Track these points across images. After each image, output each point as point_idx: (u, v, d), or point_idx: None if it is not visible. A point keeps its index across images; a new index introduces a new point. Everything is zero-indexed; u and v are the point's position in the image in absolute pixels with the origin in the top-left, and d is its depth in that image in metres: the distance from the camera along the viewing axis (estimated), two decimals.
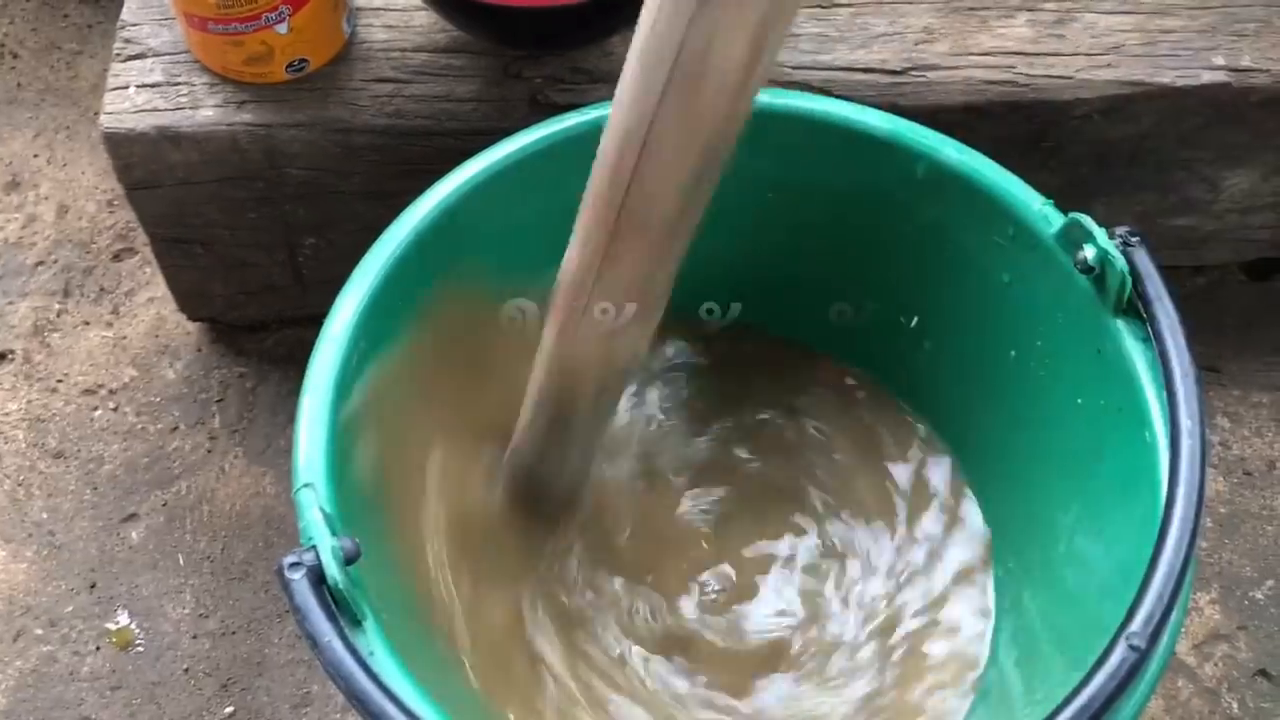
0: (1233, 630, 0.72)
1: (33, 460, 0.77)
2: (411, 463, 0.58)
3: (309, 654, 0.70)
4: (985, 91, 0.69)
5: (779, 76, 0.69)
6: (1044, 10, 0.72)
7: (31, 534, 0.75)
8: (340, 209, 0.72)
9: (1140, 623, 0.42)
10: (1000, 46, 0.70)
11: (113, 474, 0.77)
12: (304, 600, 0.43)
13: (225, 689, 0.70)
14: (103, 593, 0.73)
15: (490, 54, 0.70)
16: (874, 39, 0.71)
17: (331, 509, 0.47)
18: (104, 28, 0.95)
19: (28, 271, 0.85)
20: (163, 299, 0.82)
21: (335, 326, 0.53)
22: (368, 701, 0.42)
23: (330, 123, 0.68)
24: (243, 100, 0.69)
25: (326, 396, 0.51)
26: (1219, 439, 0.78)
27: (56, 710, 0.69)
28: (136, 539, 0.74)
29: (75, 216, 0.87)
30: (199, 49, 0.69)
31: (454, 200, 0.57)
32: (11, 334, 0.82)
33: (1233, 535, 0.75)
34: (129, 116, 0.68)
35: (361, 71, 0.70)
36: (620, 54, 0.70)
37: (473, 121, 0.68)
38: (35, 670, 0.70)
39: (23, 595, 0.73)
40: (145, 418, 0.79)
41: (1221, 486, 0.76)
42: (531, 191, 0.59)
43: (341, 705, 0.69)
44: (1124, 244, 0.52)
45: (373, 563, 0.47)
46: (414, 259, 0.56)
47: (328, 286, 0.56)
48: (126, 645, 0.71)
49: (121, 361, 0.81)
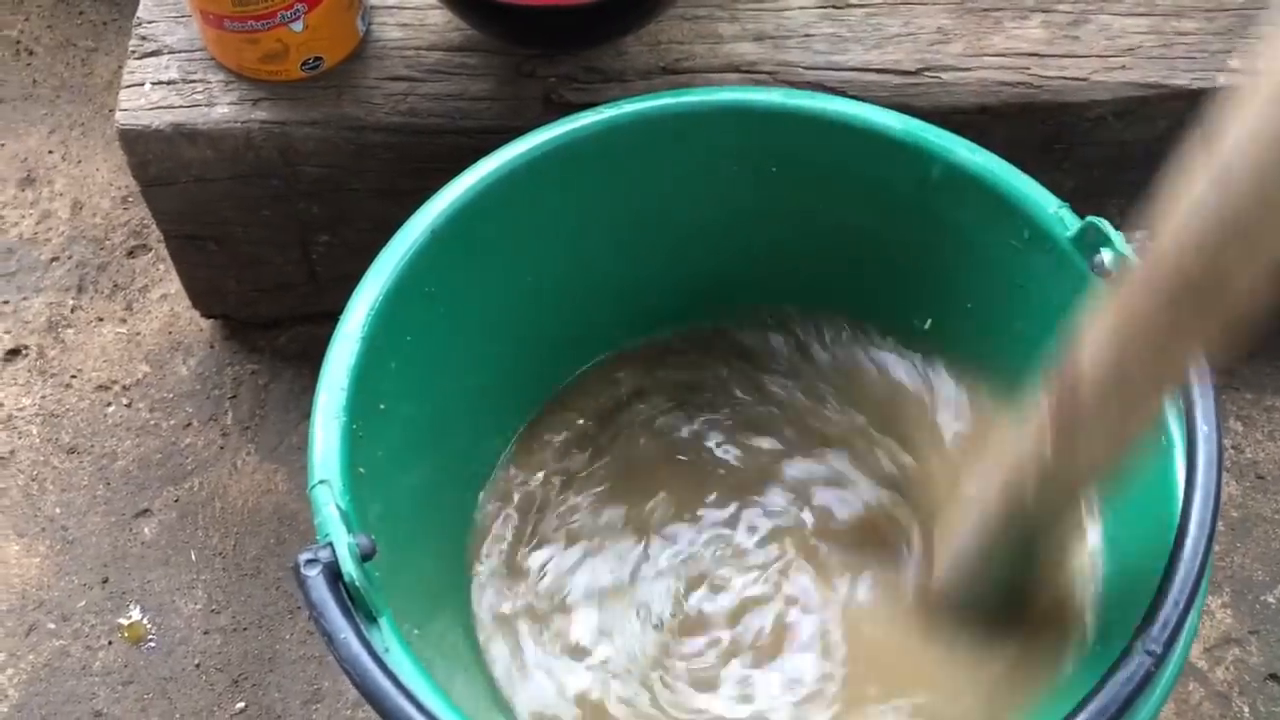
0: (1244, 634, 0.71)
1: (46, 455, 0.78)
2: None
3: (320, 650, 0.71)
4: (999, 93, 0.69)
5: (793, 77, 0.69)
6: (1059, 12, 0.72)
7: (45, 529, 0.75)
8: (354, 207, 0.73)
9: (1156, 628, 0.42)
10: (1014, 48, 0.70)
11: (126, 470, 0.77)
12: (320, 596, 0.43)
13: (236, 684, 0.70)
14: (115, 588, 0.73)
15: (504, 53, 0.70)
16: (888, 40, 0.71)
17: (347, 506, 0.47)
18: (119, 25, 0.96)
19: (42, 267, 0.85)
20: (176, 295, 0.82)
21: (350, 323, 0.53)
22: (383, 698, 0.42)
23: (344, 121, 0.69)
24: (258, 98, 0.69)
25: (342, 393, 0.51)
26: (1231, 442, 0.78)
27: (69, 704, 0.69)
28: (149, 534, 0.75)
29: (90, 213, 0.87)
30: (214, 46, 0.69)
31: (467, 199, 0.57)
32: (26, 330, 0.82)
33: (1245, 539, 0.74)
34: (145, 113, 0.69)
35: (376, 70, 0.70)
36: (634, 52, 0.70)
37: (486, 120, 0.68)
38: (48, 664, 0.71)
39: (36, 590, 0.73)
40: (158, 414, 0.79)
41: (1234, 490, 0.76)
42: (545, 190, 0.59)
43: (352, 702, 0.69)
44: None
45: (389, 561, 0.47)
46: (428, 257, 0.56)
47: (340, 284, 0.56)
48: (138, 640, 0.71)
49: (135, 358, 0.81)
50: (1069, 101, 0.69)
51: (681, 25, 0.72)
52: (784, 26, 0.71)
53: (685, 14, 0.72)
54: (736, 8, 0.72)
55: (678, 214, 0.64)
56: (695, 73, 0.70)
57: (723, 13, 0.72)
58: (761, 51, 0.70)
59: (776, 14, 0.72)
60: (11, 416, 0.79)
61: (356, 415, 0.51)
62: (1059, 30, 0.71)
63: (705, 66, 0.70)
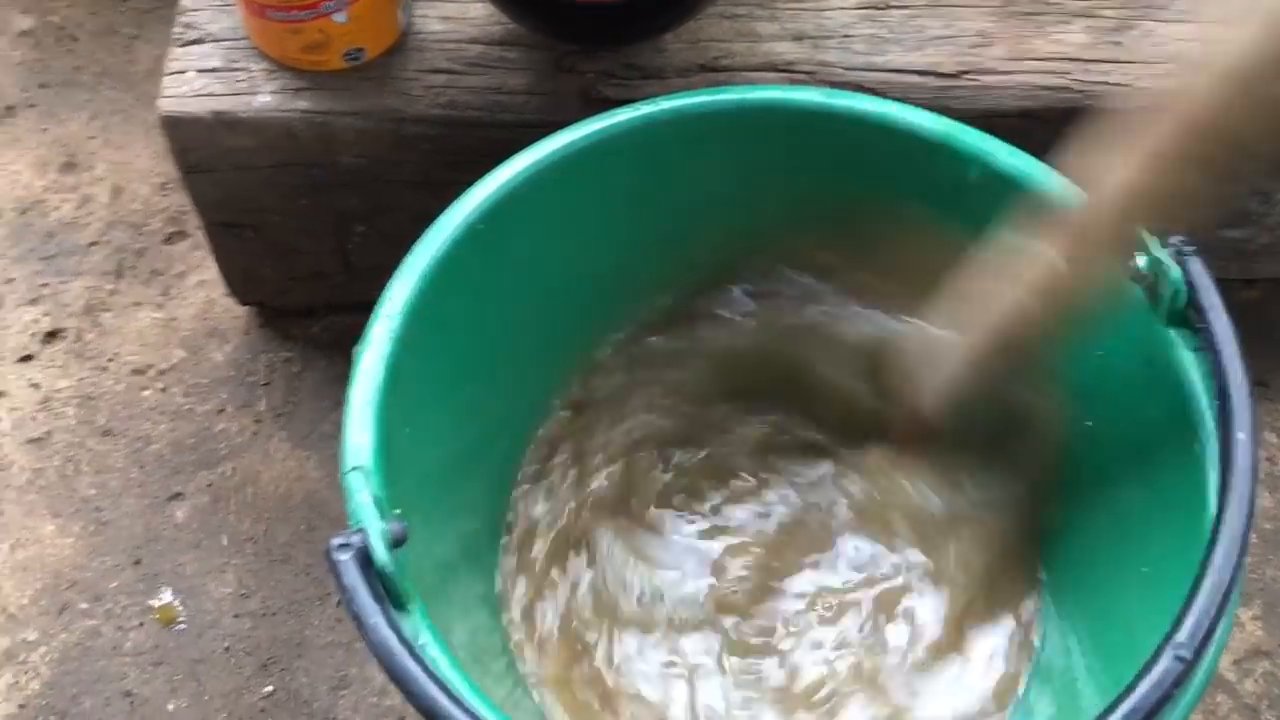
0: (1274, 647, 0.71)
1: (82, 437, 0.78)
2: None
3: (348, 637, 0.71)
4: (1040, 97, 0.69)
5: (831, 77, 0.69)
6: (1102, 17, 0.71)
7: (79, 509, 0.76)
8: (391, 198, 0.73)
9: (1187, 633, 0.41)
10: (1057, 52, 0.70)
11: (160, 453, 0.78)
12: (351, 581, 0.43)
13: (265, 668, 0.70)
14: (147, 569, 0.74)
15: (544, 48, 0.70)
16: (928, 41, 0.71)
17: (380, 492, 0.48)
18: (161, 13, 0.96)
19: (81, 251, 0.86)
20: (213, 282, 0.83)
21: (385, 314, 0.54)
22: (411, 683, 0.42)
23: (384, 112, 0.69)
24: (299, 87, 0.69)
25: (376, 380, 0.51)
26: (1266, 454, 0.77)
27: (99, 683, 0.70)
28: (181, 518, 0.75)
29: (129, 199, 0.88)
30: (257, 35, 0.70)
31: (504, 192, 0.58)
32: (64, 312, 0.83)
33: (1277, 552, 0.74)
34: (187, 100, 0.69)
35: (416, 62, 0.70)
36: (673, 50, 0.70)
37: (525, 114, 0.69)
38: (79, 644, 0.71)
39: (69, 570, 0.74)
40: (193, 399, 0.80)
41: (1268, 502, 0.75)
42: (581, 186, 0.60)
43: (379, 688, 0.70)
44: (1178, 253, 0.51)
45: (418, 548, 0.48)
46: (464, 249, 0.56)
47: (375, 274, 0.56)
48: (169, 622, 0.72)
49: (171, 343, 0.82)
50: (1111, 107, 0.68)
51: (721, 23, 0.72)
52: (824, 26, 0.71)
53: (725, 12, 0.72)
54: (776, 7, 0.72)
55: (712, 212, 0.64)
56: (734, 71, 0.70)
57: (762, 11, 0.72)
58: (800, 51, 0.70)
59: (816, 14, 0.72)
60: (49, 398, 0.80)
61: (390, 404, 0.52)
62: (1102, 35, 0.71)
63: (744, 65, 0.70)
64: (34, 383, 0.80)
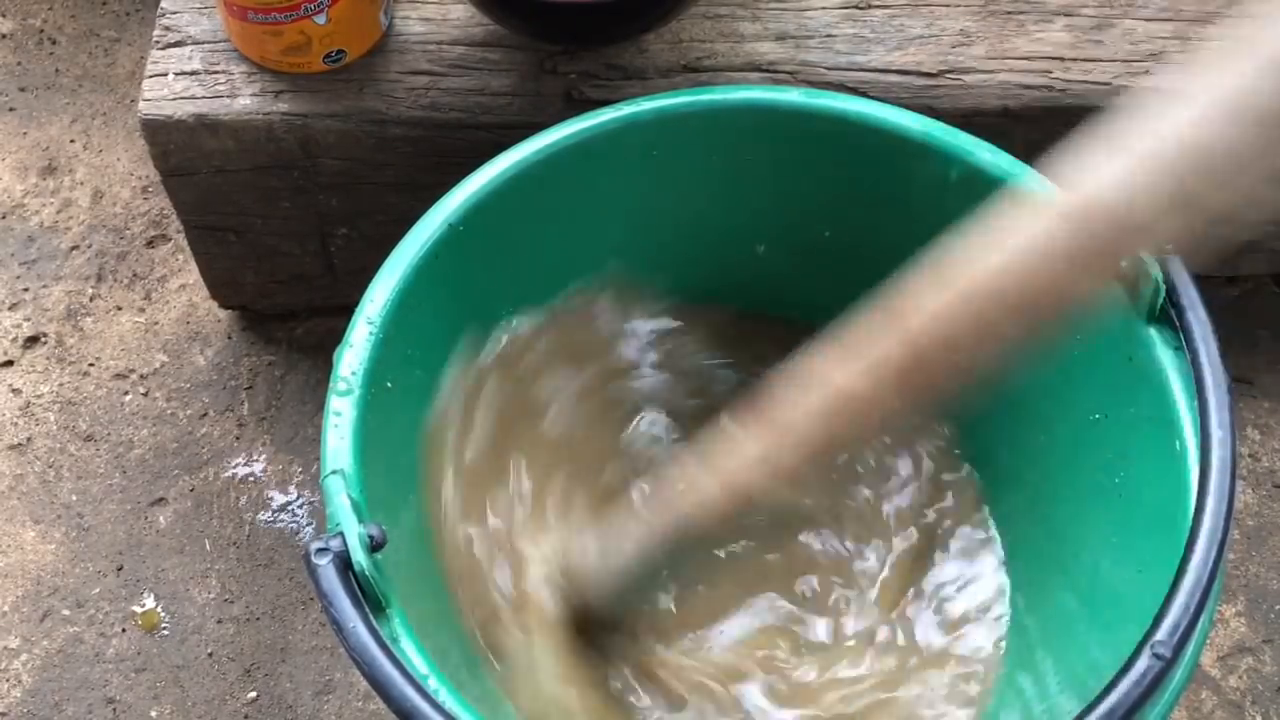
0: (1258, 643, 0.71)
1: (63, 443, 0.78)
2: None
3: (332, 642, 0.71)
4: (1021, 96, 0.69)
5: (813, 77, 0.69)
6: (1082, 16, 0.71)
7: (61, 515, 0.75)
8: (373, 200, 0.73)
9: (1165, 631, 0.41)
10: (1037, 51, 0.70)
11: (142, 458, 0.77)
12: (330, 586, 0.43)
13: (249, 674, 0.70)
14: (129, 575, 0.73)
15: (526, 49, 0.70)
16: (910, 41, 0.71)
17: (359, 496, 0.47)
18: (142, 15, 0.96)
19: (62, 256, 0.85)
20: (194, 286, 0.83)
21: (365, 317, 0.53)
22: (390, 687, 0.42)
23: (366, 114, 0.69)
24: (280, 90, 0.69)
25: (355, 385, 0.51)
26: (1248, 451, 0.77)
27: (82, 690, 0.70)
28: (164, 523, 0.75)
29: (110, 202, 0.88)
30: (238, 38, 0.69)
31: (486, 193, 0.57)
32: (45, 317, 0.83)
33: (1260, 548, 0.74)
34: (167, 103, 0.69)
35: (398, 64, 0.70)
36: (655, 50, 0.70)
37: (507, 116, 0.69)
38: (61, 650, 0.71)
39: (50, 576, 0.73)
40: (175, 403, 0.79)
41: (1250, 499, 0.76)
42: (563, 186, 0.59)
43: (363, 693, 0.69)
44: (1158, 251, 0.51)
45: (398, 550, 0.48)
46: (446, 251, 0.56)
47: (358, 276, 0.56)
48: (152, 628, 0.72)
49: (153, 347, 0.82)
50: (1092, 105, 0.69)
51: (703, 24, 0.72)
52: (806, 26, 0.71)
53: (707, 12, 0.72)
54: (758, 7, 0.72)
55: (695, 211, 0.64)
56: (716, 71, 0.70)
57: (744, 12, 0.72)
58: (783, 51, 0.70)
59: (798, 14, 0.72)
60: (29, 404, 0.79)
61: (369, 408, 0.51)
62: (1082, 34, 0.71)
63: (726, 65, 0.70)
64: (15, 388, 0.80)
